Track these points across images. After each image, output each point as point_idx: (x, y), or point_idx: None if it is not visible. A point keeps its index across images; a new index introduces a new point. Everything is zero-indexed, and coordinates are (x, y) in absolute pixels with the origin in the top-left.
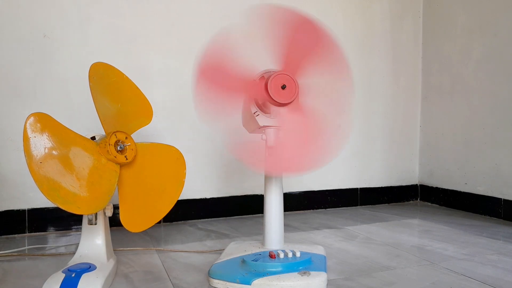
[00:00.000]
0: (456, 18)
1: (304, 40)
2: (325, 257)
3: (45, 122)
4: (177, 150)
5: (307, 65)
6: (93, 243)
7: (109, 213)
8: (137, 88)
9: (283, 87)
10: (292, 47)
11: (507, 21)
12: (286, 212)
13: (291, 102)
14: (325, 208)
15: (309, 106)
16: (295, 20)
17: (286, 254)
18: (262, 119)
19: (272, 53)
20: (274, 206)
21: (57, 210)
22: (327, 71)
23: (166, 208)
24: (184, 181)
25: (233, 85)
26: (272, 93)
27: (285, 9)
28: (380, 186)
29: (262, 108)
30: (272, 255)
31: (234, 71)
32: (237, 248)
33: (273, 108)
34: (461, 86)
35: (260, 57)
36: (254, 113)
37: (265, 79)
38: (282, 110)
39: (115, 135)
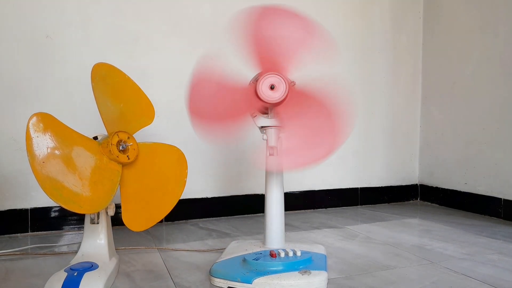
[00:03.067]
0: (457, 18)
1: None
2: (325, 256)
3: (47, 122)
4: (178, 150)
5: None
6: (95, 242)
7: (111, 212)
8: (139, 88)
9: (272, 87)
10: (270, 44)
11: (507, 21)
12: (287, 212)
13: (282, 101)
14: (326, 207)
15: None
16: (271, 15)
17: (286, 253)
18: (260, 120)
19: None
20: (275, 206)
21: (59, 210)
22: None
23: (167, 207)
24: (185, 181)
25: (229, 105)
26: (261, 94)
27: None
28: (380, 185)
29: (261, 109)
30: (273, 254)
31: (224, 90)
32: (238, 247)
33: (273, 110)
34: (461, 86)
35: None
36: (252, 114)
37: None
38: (279, 109)
39: (117, 135)
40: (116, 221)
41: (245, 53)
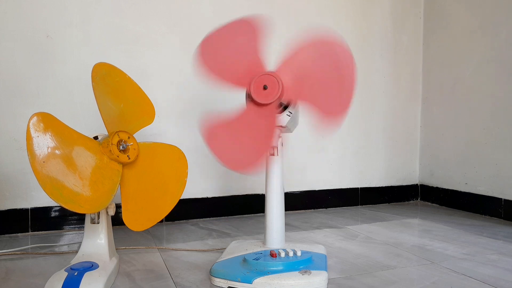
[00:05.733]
0: (457, 18)
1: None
2: (326, 256)
3: (48, 121)
4: (179, 149)
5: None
6: (95, 242)
7: (112, 212)
8: (140, 88)
9: (265, 87)
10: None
11: (508, 21)
12: (287, 212)
13: (272, 102)
14: (326, 207)
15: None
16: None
17: (287, 253)
18: None
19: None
20: (275, 206)
21: (60, 209)
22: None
23: (168, 207)
24: (186, 181)
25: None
26: (253, 93)
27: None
28: (380, 186)
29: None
30: (273, 254)
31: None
32: (239, 247)
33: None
34: (462, 87)
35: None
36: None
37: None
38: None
39: (118, 134)
40: (117, 220)
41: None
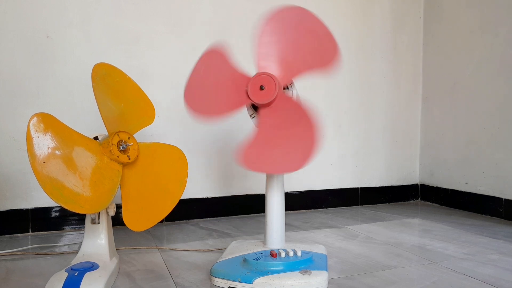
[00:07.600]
0: (457, 18)
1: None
2: (326, 256)
3: (48, 122)
4: (179, 150)
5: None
6: (96, 242)
7: (112, 212)
8: (140, 88)
9: (261, 87)
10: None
11: (508, 21)
12: (288, 212)
13: (270, 102)
14: (326, 207)
15: (299, 105)
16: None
17: (287, 253)
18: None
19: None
20: (275, 206)
21: (60, 210)
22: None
23: (168, 207)
24: (186, 181)
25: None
26: (250, 94)
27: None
28: (380, 185)
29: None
30: (273, 254)
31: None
32: (239, 247)
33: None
34: (462, 86)
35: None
36: (251, 115)
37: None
38: (261, 110)
39: (118, 135)
40: (117, 221)
41: (254, 52)
